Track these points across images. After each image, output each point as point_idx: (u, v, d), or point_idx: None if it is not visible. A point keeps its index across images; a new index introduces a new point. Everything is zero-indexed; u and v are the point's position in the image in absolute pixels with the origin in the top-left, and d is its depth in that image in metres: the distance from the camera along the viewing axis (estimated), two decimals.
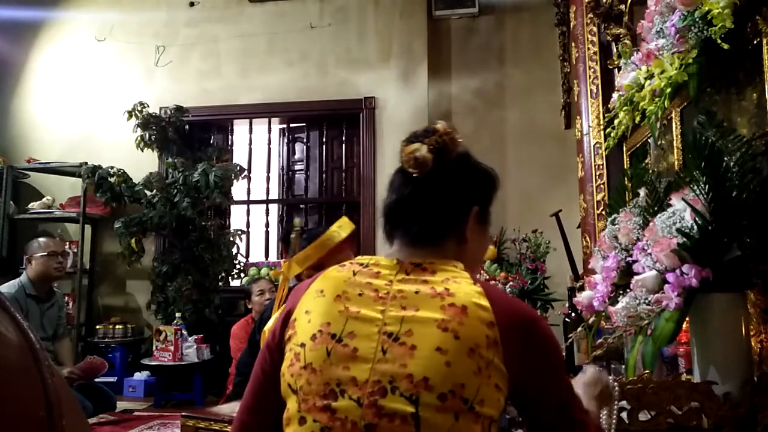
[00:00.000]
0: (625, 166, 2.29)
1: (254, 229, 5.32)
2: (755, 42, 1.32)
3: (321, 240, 1.84)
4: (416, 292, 0.86)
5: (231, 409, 2.27)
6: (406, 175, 0.95)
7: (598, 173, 2.59)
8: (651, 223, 1.33)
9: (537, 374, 0.87)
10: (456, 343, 0.81)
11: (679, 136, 1.71)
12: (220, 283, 4.88)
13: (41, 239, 3.34)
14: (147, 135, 4.86)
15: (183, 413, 2.62)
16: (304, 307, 0.91)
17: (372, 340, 0.84)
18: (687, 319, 1.26)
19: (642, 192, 1.55)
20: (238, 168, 4.82)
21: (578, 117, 2.73)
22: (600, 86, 2.63)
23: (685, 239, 1.21)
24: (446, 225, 0.96)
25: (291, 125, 5.48)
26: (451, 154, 0.95)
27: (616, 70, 2.41)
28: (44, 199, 5.14)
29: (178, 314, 4.42)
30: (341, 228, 1.95)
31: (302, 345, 0.87)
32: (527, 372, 0.85)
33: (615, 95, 2.04)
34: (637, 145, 2.16)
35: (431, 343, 0.81)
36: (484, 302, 0.85)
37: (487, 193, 1.02)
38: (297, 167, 5.51)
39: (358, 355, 0.83)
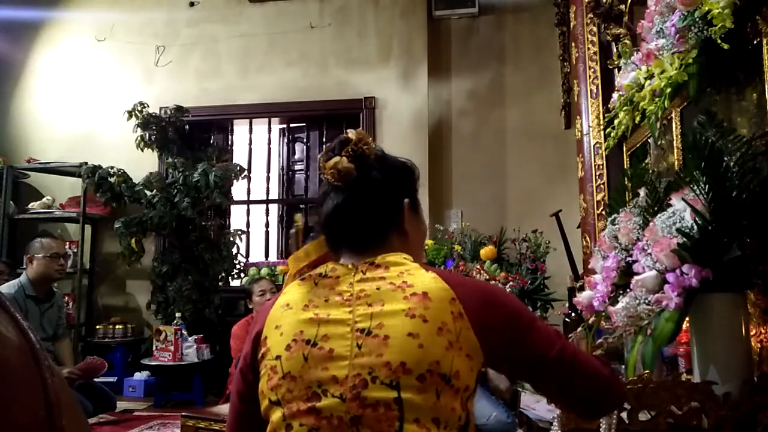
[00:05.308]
0: (625, 166, 2.28)
1: (254, 229, 5.32)
2: (755, 42, 1.32)
3: (321, 238, 1.85)
4: (377, 289, 0.90)
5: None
6: (335, 187, 0.99)
7: (598, 173, 2.59)
8: (651, 223, 1.33)
9: (511, 331, 0.90)
10: (425, 326, 0.85)
11: (679, 136, 1.71)
12: (220, 283, 4.88)
13: (43, 239, 3.32)
14: (147, 135, 4.87)
15: (183, 413, 2.62)
16: (273, 323, 0.93)
17: (346, 338, 0.87)
18: (687, 319, 1.26)
19: (642, 192, 1.55)
20: (238, 168, 4.82)
21: (578, 117, 2.73)
22: (600, 86, 2.63)
23: (685, 239, 1.21)
24: (385, 223, 1.00)
25: (291, 125, 5.48)
26: (369, 158, 0.99)
27: (616, 70, 2.40)
28: (44, 199, 5.14)
29: (178, 314, 4.42)
30: None
31: (277, 357, 0.89)
32: (502, 334, 0.90)
33: (615, 95, 2.04)
34: (637, 145, 2.16)
35: (402, 330, 0.85)
36: (442, 284, 0.89)
37: (411, 184, 1.07)
38: (297, 167, 5.51)
39: (334, 354, 0.86)
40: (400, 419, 0.81)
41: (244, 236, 5.09)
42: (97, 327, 4.87)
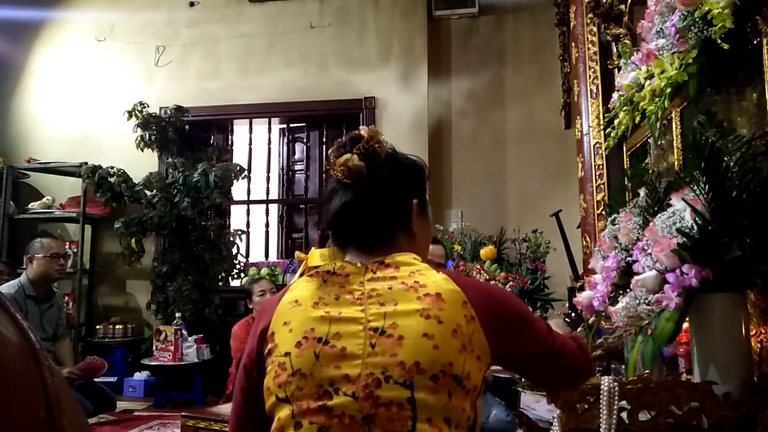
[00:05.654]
0: (625, 166, 2.28)
1: (254, 229, 5.32)
2: (755, 42, 1.32)
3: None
4: (389, 288, 0.90)
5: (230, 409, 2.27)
6: (344, 185, 0.98)
7: (598, 173, 2.59)
8: (651, 223, 1.33)
9: (516, 332, 0.93)
10: (440, 327, 0.85)
11: (679, 136, 1.71)
12: (220, 283, 4.88)
13: (44, 240, 3.32)
14: (147, 135, 4.87)
15: (183, 413, 2.62)
16: (280, 320, 0.92)
17: (359, 337, 0.86)
18: (687, 319, 1.26)
19: (642, 192, 1.55)
20: (238, 168, 4.82)
21: (578, 117, 2.73)
22: (600, 86, 2.63)
23: (685, 239, 1.21)
24: (393, 223, 1.00)
25: (291, 125, 5.48)
26: (380, 156, 0.98)
27: (616, 70, 2.40)
28: (44, 199, 5.14)
29: (178, 314, 4.42)
30: None
31: (287, 354, 0.88)
32: (508, 334, 0.92)
33: (615, 95, 2.04)
34: (637, 145, 2.16)
35: (417, 330, 0.85)
36: (453, 286, 0.90)
37: (421, 183, 1.06)
38: (297, 167, 5.51)
39: (347, 353, 0.85)
40: (413, 419, 0.81)
41: (244, 236, 5.09)
42: (97, 327, 4.87)
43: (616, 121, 2.00)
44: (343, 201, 0.98)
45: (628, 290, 1.38)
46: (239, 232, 4.98)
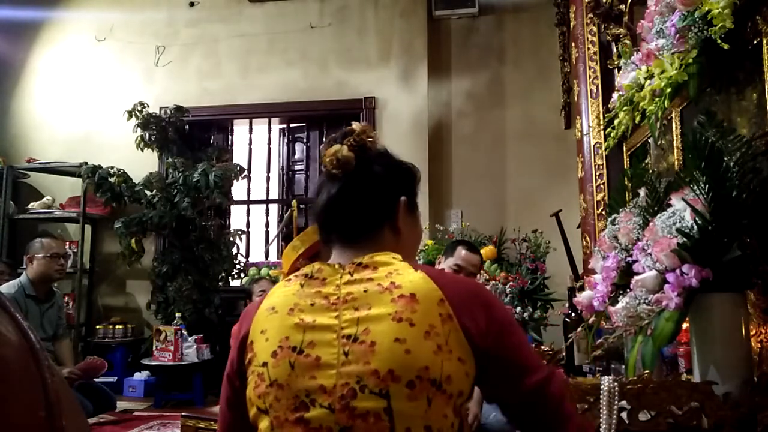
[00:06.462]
0: (625, 166, 2.28)
1: (254, 229, 5.32)
2: (755, 42, 1.33)
3: (314, 226, 1.81)
4: (365, 291, 0.88)
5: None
6: (332, 176, 0.98)
7: (598, 173, 2.59)
8: (651, 223, 1.33)
9: (500, 336, 0.87)
10: (412, 330, 0.82)
11: (679, 136, 1.71)
12: (220, 283, 4.88)
13: (44, 240, 3.32)
14: (147, 135, 4.87)
15: (183, 413, 2.63)
16: (258, 327, 0.91)
17: (333, 346, 0.84)
18: (687, 319, 1.26)
19: (642, 192, 1.55)
20: (238, 168, 4.82)
21: (578, 117, 2.73)
22: (600, 86, 2.63)
23: (685, 239, 1.21)
24: (378, 217, 0.99)
25: (291, 125, 5.48)
26: (370, 151, 0.98)
27: (616, 70, 2.40)
28: (44, 199, 5.14)
29: (178, 314, 4.42)
30: None
31: (264, 364, 0.87)
32: (490, 337, 0.86)
33: (615, 95, 2.04)
34: (637, 145, 2.16)
35: (389, 336, 0.82)
36: (431, 285, 0.87)
37: (410, 184, 1.05)
38: (297, 167, 5.51)
39: (321, 362, 0.84)
40: (391, 429, 0.79)
41: (244, 236, 5.09)
42: (97, 327, 4.87)
43: (616, 121, 2.00)
44: (329, 192, 0.98)
45: (628, 290, 1.38)
46: (239, 232, 4.98)
